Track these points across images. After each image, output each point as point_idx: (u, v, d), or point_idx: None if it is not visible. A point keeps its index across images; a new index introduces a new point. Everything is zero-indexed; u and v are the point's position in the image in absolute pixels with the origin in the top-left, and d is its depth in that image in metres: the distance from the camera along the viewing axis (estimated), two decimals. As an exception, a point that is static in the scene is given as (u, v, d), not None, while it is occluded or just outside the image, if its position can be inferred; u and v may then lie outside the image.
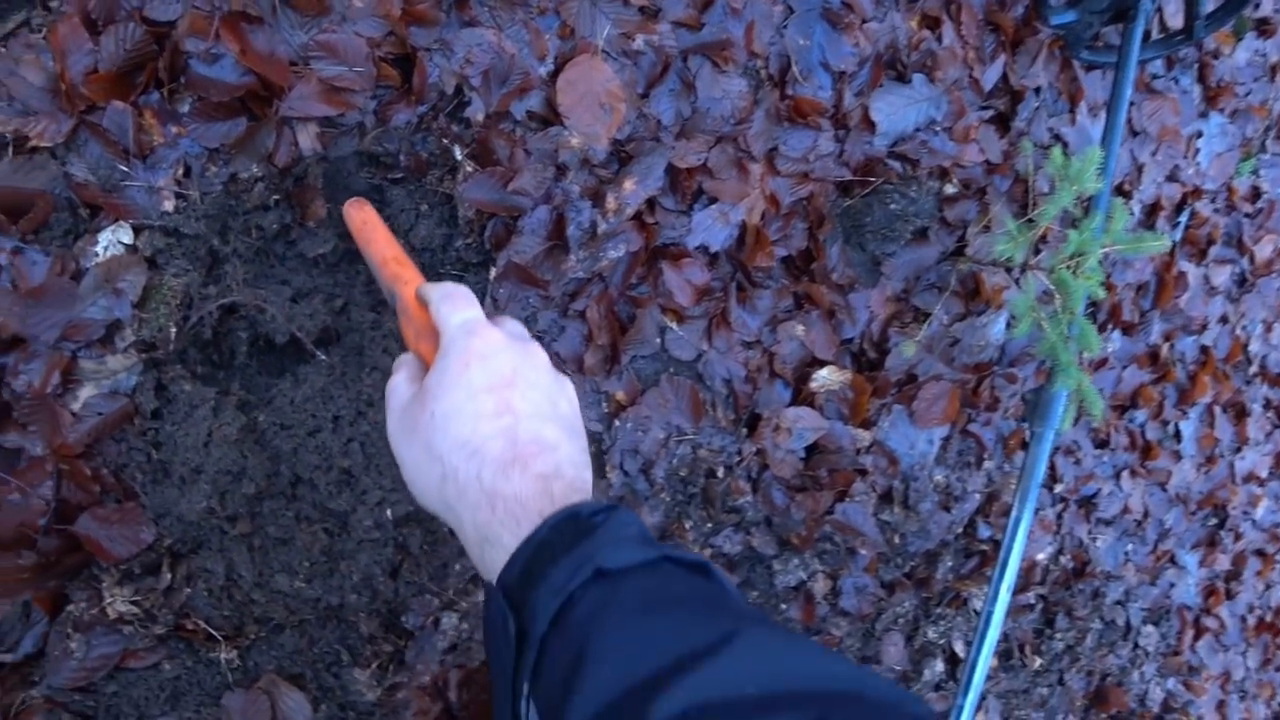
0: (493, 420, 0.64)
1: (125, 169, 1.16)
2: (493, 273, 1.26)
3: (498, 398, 0.65)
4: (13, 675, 1.17)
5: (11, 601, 1.14)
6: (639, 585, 0.56)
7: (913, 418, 1.57)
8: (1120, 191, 1.85)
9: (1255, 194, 2.15)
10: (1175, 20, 1.79)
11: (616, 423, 1.34)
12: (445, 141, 1.26)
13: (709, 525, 1.45)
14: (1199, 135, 1.98)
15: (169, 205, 1.17)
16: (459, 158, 1.25)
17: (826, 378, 1.47)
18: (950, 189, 1.52)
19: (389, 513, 1.25)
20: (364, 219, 1.02)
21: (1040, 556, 1.90)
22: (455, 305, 0.71)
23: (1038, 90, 1.63)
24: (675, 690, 0.46)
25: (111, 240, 1.15)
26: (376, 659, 1.29)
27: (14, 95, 1.14)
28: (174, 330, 1.15)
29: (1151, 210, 1.94)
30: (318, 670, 1.25)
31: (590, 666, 0.50)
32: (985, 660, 1.59)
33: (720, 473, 1.43)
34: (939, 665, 1.76)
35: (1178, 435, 2.11)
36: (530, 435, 0.64)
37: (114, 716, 1.20)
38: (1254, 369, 2.27)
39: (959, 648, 1.78)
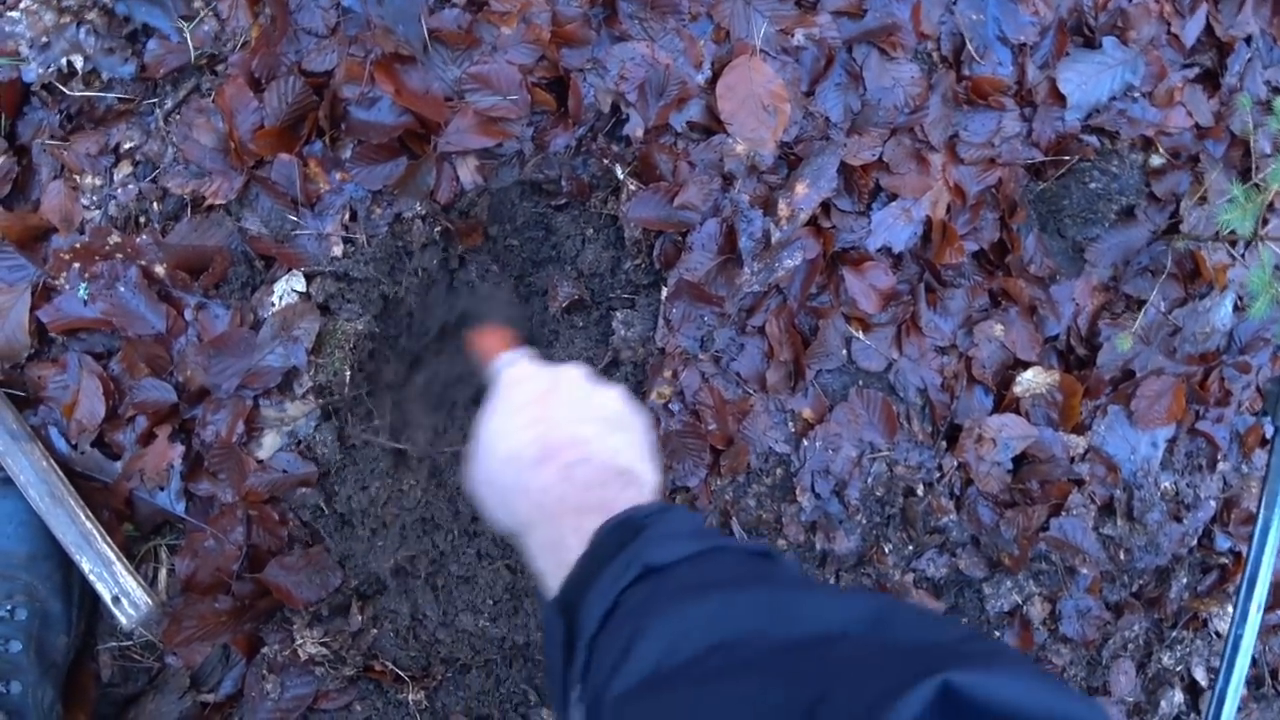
0: (528, 429, 0.66)
1: (295, 218, 1.16)
2: (664, 293, 1.20)
3: (533, 411, 0.67)
4: (216, 715, 1.19)
5: (211, 644, 1.15)
6: (685, 573, 0.54)
7: (1132, 419, 1.41)
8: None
9: None
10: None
11: (805, 442, 1.25)
12: (606, 162, 1.21)
13: (910, 548, 1.34)
14: None
15: (338, 250, 1.16)
16: (621, 177, 1.20)
17: (1031, 380, 1.33)
18: (1156, 160, 1.36)
19: None
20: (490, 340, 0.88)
21: (1289, 567, 1.68)
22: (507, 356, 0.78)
23: (1248, 39, 1.44)
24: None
25: (286, 289, 1.15)
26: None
27: (190, 158, 1.17)
28: (349, 374, 1.14)
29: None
30: (505, 711, 1.21)
31: (634, 649, 0.49)
32: (1236, 690, 1.40)
33: (920, 491, 1.32)
34: (1177, 696, 1.57)
35: None
36: (564, 434, 0.65)
37: (314, 764, 1.19)
38: None
39: (1200, 675, 1.58)
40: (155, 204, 1.18)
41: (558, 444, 0.64)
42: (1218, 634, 1.57)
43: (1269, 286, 1.17)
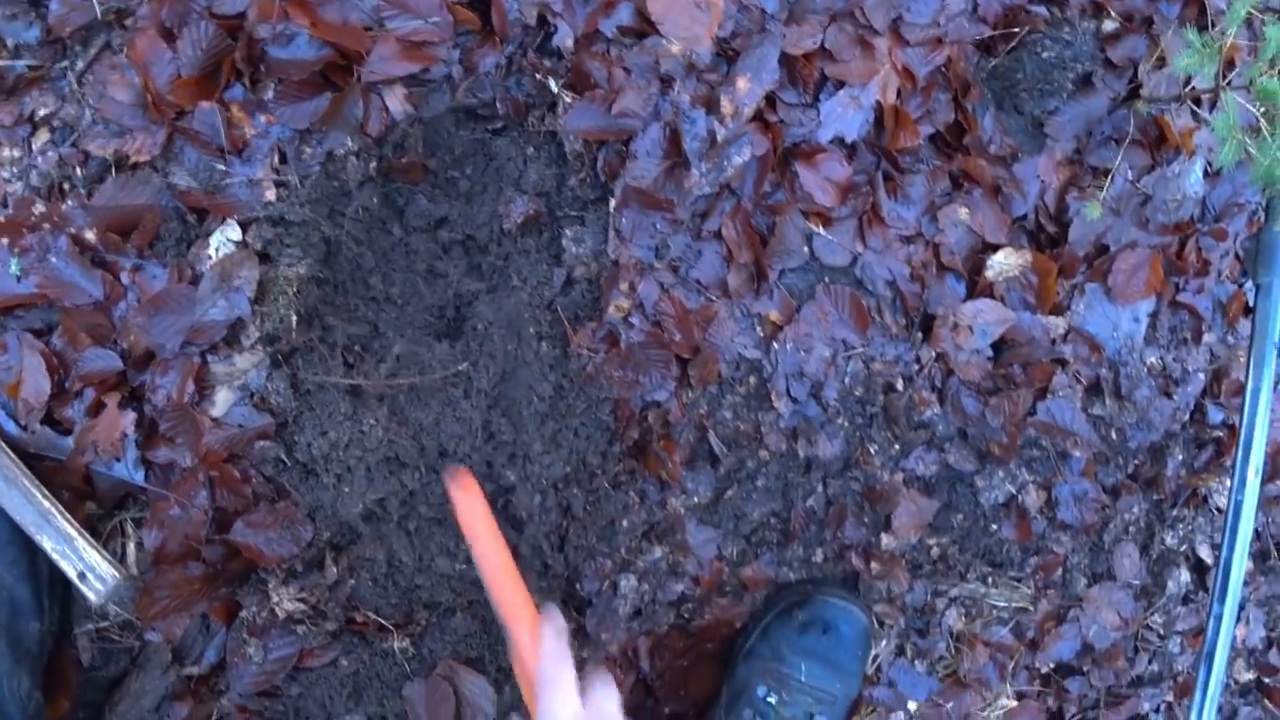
0: None
1: (223, 167, 1.12)
2: (612, 204, 1.16)
3: None
4: (202, 687, 1.16)
5: (188, 614, 1.12)
6: None
7: (1111, 294, 1.37)
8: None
9: None
10: None
11: (775, 345, 1.22)
12: (539, 77, 1.16)
13: (896, 447, 1.30)
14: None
15: (271, 195, 1.12)
16: (556, 91, 1.16)
17: (1003, 263, 1.30)
18: (1110, 25, 1.32)
19: (544, 478, 1.16)
20: (467, 503, 0.91)
21: (1289, 436, 1.64)
22: (553, 698, 0.79)
23: (1193, -104, 1.40)
24: None
25: (222, 240, 1.11)
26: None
27: (108, 117, 1.13)
28: (295, 319, 1.10)
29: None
30: (496, 653, 1.18)
31: None
32: (1241, 557, 1.36)
33: (899, 386, 1.28)
34: (1184, 575, 1.54)
35: None
36: None
37: (304, 719, 1.16)
38: None
39: (1204, 553, 1.55)
40: (78, 169, 1.13)
41: None
42: (1218, 510, 1.54)
43: (1233, 132, 1.13)
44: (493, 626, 1.20)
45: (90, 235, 1.12)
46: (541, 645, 0.82)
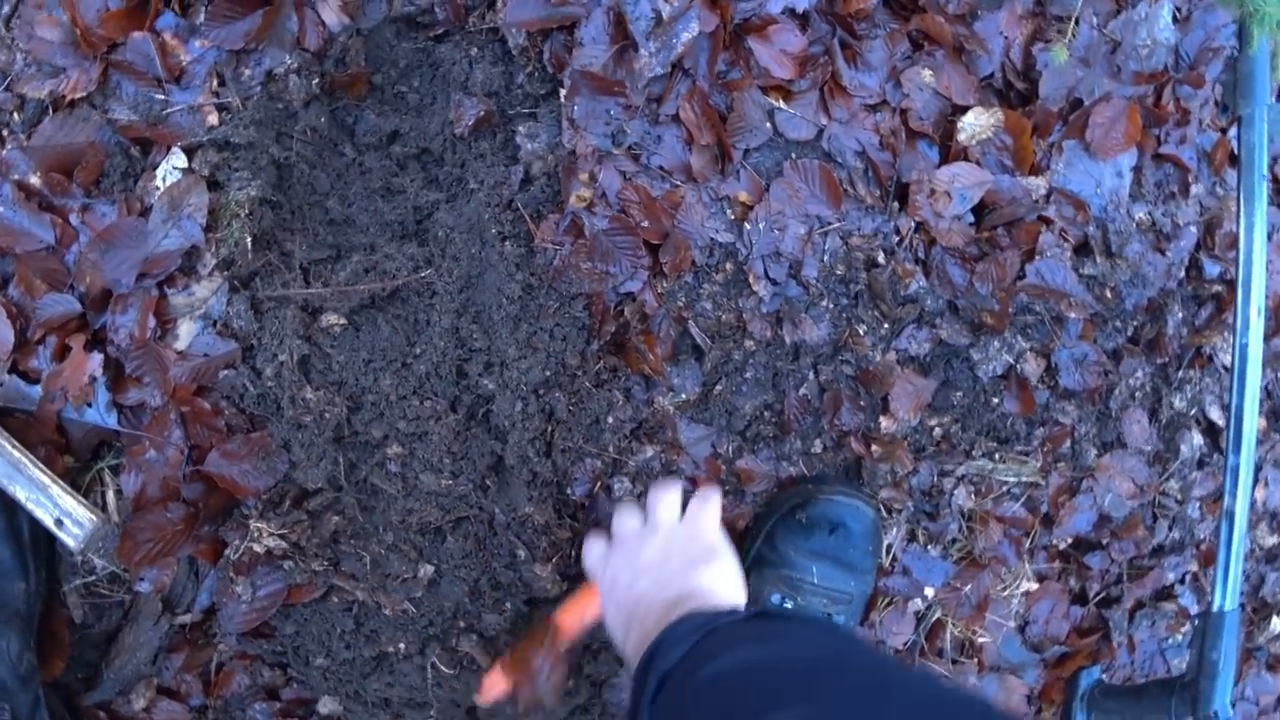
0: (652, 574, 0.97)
1: (162, 96, 1.10)
2: (562, 94, 1.12)
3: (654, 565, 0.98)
4: (197, 634, 1.13)
5: (175, 558, 1.09)
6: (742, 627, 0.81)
7: (1090, 150, 1.33)
8: None
9: None
10: None
11: (747, 227, 1.18)
12: (475, -27, 1.13)
13: (885, 326, 1.27)
14: None
15: (213, 119, 1.10)
16: (493, -16, 1.13)
17: (975, 123, 1.26)
18: None
19: (523, 383, 1.13)
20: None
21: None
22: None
23: None
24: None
25: (168, 169, 1.09)
26: (556, 551, 1.18)
27: (40, 58, 1.11)
28: (250, 242, 1.07)
29: None
30: (494, 570, 1.15)
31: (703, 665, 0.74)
32: (1252, 404, 1.32)
33: (881, 259, 1.25)
34: (1196, 438, 1.50)
35: None
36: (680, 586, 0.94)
37: (304, 658, 1.14)
38: None
39: (1215, 414, 1.51)
40: (14, 114, 1.11)
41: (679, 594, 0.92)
42: (1225, 369, 1.50)
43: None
44: (488, 545, 1.17)
45: (35, 179, 1.09)
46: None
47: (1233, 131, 1.41)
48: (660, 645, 0.79)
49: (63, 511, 1.06)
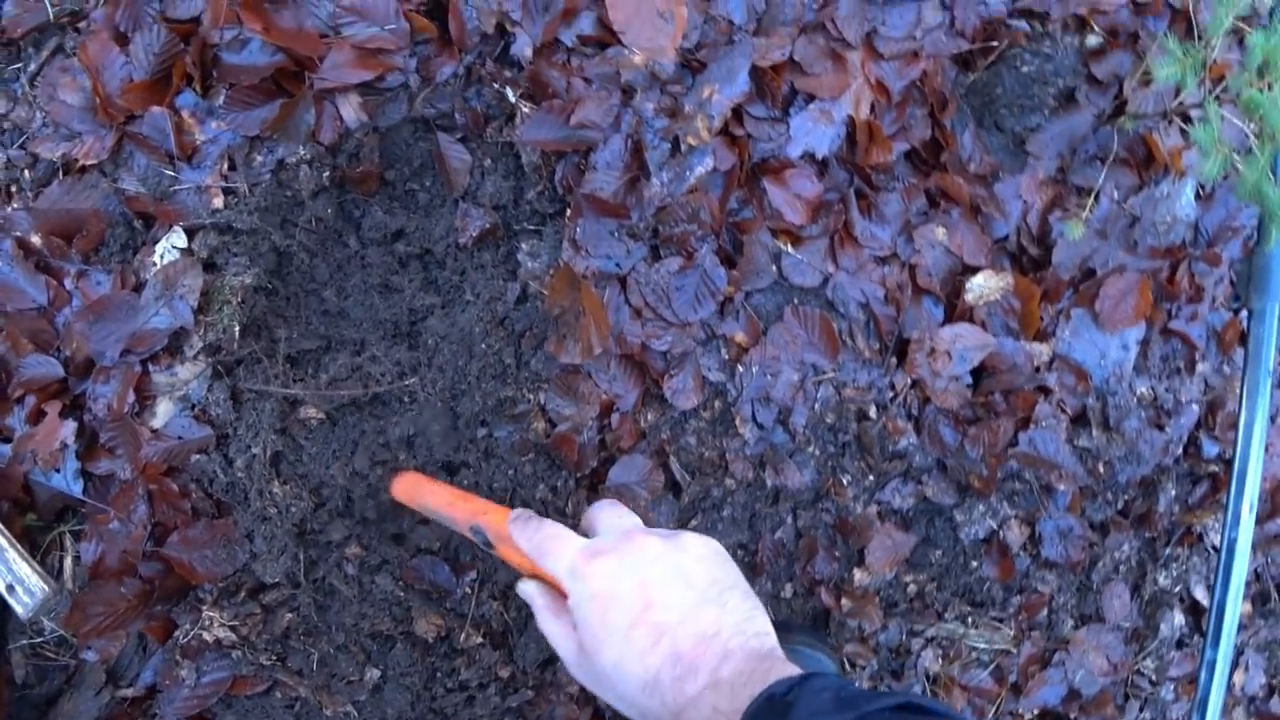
0: (653, 652, 0.63)
1: (172, 173, 1.10)
2: (568, 215, 1.12)
3: (645, 628, 0.64)
4: (137, 710, 1.12)
5: (123, 631, 1.08)
6: None
7: (1098, 320, 1.31)
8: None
9: None
10: None
11: (740, 368, 1.17)
12: (497, 87, 1.13)
13: (870, 478, 1.25)
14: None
15: (218, 202, 1.10)
16: (514, 100, 1.13)
17: (983, 286, 1.25)
18: (1094, 41, 1.27)
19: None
20: (411, 482, 1.00)
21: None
22: (554, 556, 0.71)
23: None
24: None
25: (167, 247, 1.08)
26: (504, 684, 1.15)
27: (58, 121, 1.11)
28: (239, 330, 1.06)
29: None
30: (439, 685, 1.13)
31: None
32: (1235, 599, 1.30)
33: (873, 413, 1.23)
34: (1178, 617, 1.47)
35: None
36: (690, 638, 0.63)
37: (243, 752, 1.12)
38: None
39: (1200, 594, 1.48)
40: (26, 171, 1.11)
41: (692, 654, 0.63)
42: (1214, 549, 1.47)
43: (1217, 146, 1.08)
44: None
45: (35, 239, 1.09)
46: (522, 524, 0.76)
47: (1244, 312, 1.39)
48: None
49: (15, 578, 1.05)
